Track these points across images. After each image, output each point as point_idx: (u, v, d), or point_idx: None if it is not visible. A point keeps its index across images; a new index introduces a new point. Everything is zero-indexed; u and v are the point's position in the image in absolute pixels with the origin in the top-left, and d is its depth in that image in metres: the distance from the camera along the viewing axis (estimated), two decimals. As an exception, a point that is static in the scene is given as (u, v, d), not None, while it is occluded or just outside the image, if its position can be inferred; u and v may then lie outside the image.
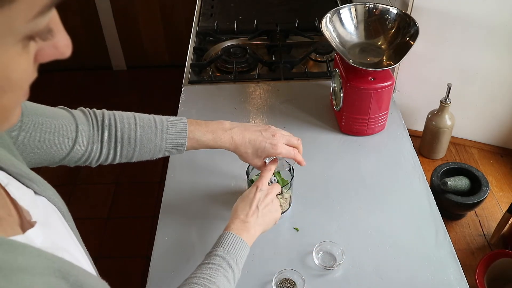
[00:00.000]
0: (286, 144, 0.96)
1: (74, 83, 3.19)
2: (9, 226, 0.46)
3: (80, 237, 0.61)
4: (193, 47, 1.63)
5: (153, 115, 0.90)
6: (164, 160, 1.14)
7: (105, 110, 0.88)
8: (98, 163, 0.87)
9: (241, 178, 1.14)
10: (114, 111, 0.88)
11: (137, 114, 0.89)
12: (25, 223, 0.48)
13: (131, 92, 3.13)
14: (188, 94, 1.44)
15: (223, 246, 0.79)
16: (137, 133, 0.86)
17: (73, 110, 0.84)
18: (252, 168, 1.07)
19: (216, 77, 1.51)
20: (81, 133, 0.81)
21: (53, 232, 0.52)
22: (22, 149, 0.71)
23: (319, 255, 0.98)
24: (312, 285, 0.94)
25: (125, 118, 0.87)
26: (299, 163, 0.98)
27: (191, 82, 1.49)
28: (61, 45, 0.38)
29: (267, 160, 0.98)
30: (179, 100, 1.41)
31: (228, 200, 1.11)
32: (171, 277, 0.96)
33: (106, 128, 0.84)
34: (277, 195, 1.04)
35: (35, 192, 0.55)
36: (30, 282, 0.40)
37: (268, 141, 0.93)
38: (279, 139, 0.94)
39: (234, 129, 0.93)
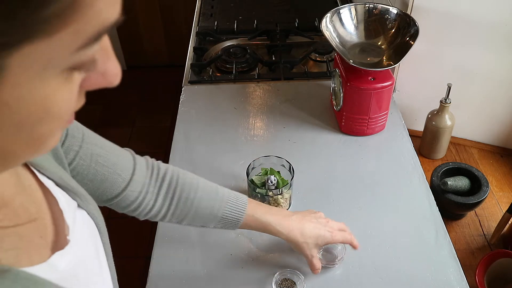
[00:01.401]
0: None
1: (74, 83, 3.19)
2: (36, 251, 0.45)
3: (111, 252, 0.60)
4: (193, 47, 1.63)
5: (217, 184, 0.87)
6: (164, 160, 1.14)
7: (170, 165, 0.84)
8: (147, 217, 0.82)
9: (241, 178, 1.14)
10: (179, 169, 0.85)
11: (201, 178, 0.85)
12: (61, 240, 0.48)
13: (131, 92, 3.13)
14: (188, 94, 1.44)
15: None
16: (197, 194, 0.82)
17: (137, 155, 0.81)
18: (253, 168, 1.07)
19: (216, 77, 1.51)
20: (136, 178, 0.77)
21: (82, 252, 0.51)
22: (73, 175, 0.70)
23: (320, 252, 0.98)
24: (312, 284, 0.94)
25: (188, 177, 0.83)
26: (354, 247, 0.94)
27: (191, 82, 1.49)
28: (110, 74, 0.36)
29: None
30: (179, 100, 1.41)
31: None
32: (171, 277, 0.96)
33: (167, 182, 0.81)
34: (277, 195, 1.04)
35: (78, 205, 0.54)
36: None
37: (326, 229, 0.89)
38: (332, 225, 0.91)
39: (294, 216, 0.89)
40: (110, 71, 0.36)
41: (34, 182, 0.49)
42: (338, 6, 1.26)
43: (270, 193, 1.03)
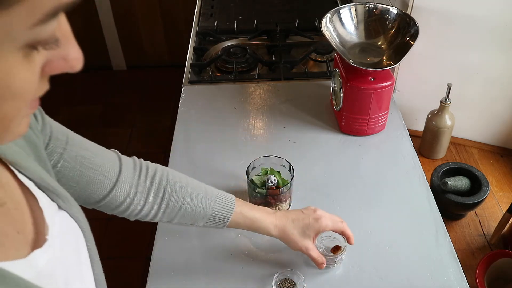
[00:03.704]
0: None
1: (74, 83, 3.18)
2: (13, 246, 0.45)
3: (98, 257, 0.60)
4: (193, 47, 1.63)
5: (204, 184, 0.88)
6: (164, 160, 1.14)
7: (159, 165, 0.84)
8: (137, 217, 0.82)
9: (241, 178, 1.14)
10: (168, 168, 0.85)
11: (189, 177, 0.86)
12: (40, 239, 0.48)
13: (131, 92, 3.13)
14: (188, 94, 1.44)
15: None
16: (187, 193, 0.83)
17: (123, 156, 0.81)
18: (253, 168, 1.07)
19: (216, 77, 1.51)
20: (123, 178, 0.77)
21: (62, 252, 0.51)
22: (58, 178, 0.69)
23: (320, 250, 0.97)
24: (312, 285, 0.94)
25: (177, 176, 0.84)
26: (348, 238, 0.94)
27: (191, 82, 1.49)
28: (71, 58, 0.37)
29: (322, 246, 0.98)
30: (179, 100, 1.41)
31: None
32: (171, 277, 0.96)
33: (156, 181, 0.81)
34: (278, 195, 1.04)
35: (59, 207, 0.54)
36: None
37: (311, 217, 0.90)
38: (320, 213, 0.91)
39: (277, 212, 0.91)
40: (71, 55, 0.37)
41: (12, 180, 0.49)
42: (338, 6, 1.26)
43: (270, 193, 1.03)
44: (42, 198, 0.51)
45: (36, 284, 0.43)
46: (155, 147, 2.68)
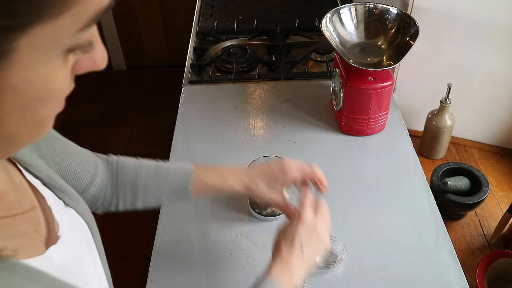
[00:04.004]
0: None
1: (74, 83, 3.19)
2: (32, 246, 0.46)
3: (103, 252, 0.61)
4: (193, 47, 1.63)
5: (158, 160, 0.86)
6: (164, 160, 1.14)
7: (110, 154, 0.85)
8: (103, 209, 0.83)
9: (241, 178, 1.14)
10: (120, 157, 0.85)
11: (140, 160, 0.85)
12: (52, 237, 0.49)
13: (131, 92, 3.13)
14: (188, 94, 1.44)
15: None
16: (142, 178, 0.82)
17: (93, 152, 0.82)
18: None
19: (216, 77, 1.51)
20: (100, 172, 0.78)
21: (74, 248, 0.52)
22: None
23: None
24: (312, 284, 0.94)
25: (128, 163, 0.84)
26: (319, 185, 0.89)
27: (191, 82, 1.49)
28: (98, 57, 0.39)
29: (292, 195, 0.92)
30: (179, 100, 1.41)
31: (228, 200, 1.11)
32: (171, 277, 0.96)
33: (114, 174, 0.82)
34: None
35: (65, 204, 0.55)
36: None
37: (278, 170, 0.85)
38: (289, 164, 0.86)
39: (243, 169, 0.88)
40: (98, 54, 0.39)
41: (23, 179, 0.50)
42: (338, 6, 1.26)
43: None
44: (50, 197, 0.52)
45: (58, 277, 0.44)
46: (155, 147, 2.68)
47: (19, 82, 0.33)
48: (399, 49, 1.19)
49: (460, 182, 1.25)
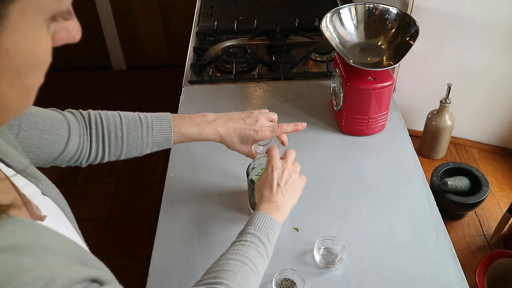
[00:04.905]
0: (268, 120, 0.99)
1: (74, 83, 3.19)
2: (27, 214, 0.47)
3: (83, 239, 0.62)
4: (193, 47, 1.63)
5: (137, 112, 0.92)
6: (164, 160, 1.14)
7: (90, 110, 0.89)
8: (88, 163, 0.88)
9: (241, 178, 1.14)
10: (99, 111, 0.90)
11: (122, 112, 0.91)
12: (35, 217, 0.50)
13: (131, 92, 3.13)
14: (188, 94, 1.44)
15: (253, 224, 0.80)
16: (124, 130, 0.88)
17: (62, 111, 0.85)
18: (253, 168, 1.07)
19: (216, 77, 1.51)
20: (73, 132, 0.82)
21: (61, 228, 0.53)
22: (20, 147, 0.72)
23: (321, 251, 0.98)
24: (312, 284, 0.94)
25: (110, 116, 0.89)
26: (283, 142, 1.02)
27: (191, 82, 1.49)
28: (73, 29, 0.40)
29: (259, 147, 1.04)
30: (179, 100, 1.41)
31: (228, 200, 1.11)
32: (171, 277, 0.96)
33: (93, 127, 0.86)
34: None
35: (42, 193, 0.56)
36: (56, 261, 0.42)
37: (251, 128, 0.96)
38: (261, 123, 0.97)
39: (218, 120, 0.96)
40: (73, 25, 0.41)
41: None
42: (338, 6, 1.26)
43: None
44: (24, 184, 0.53)
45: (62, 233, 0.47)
46: (155, 147, 2.67)
47: (10, 46, 0.35)
48: (399, 49, 1.19)
49: (460, 182, 1.25)
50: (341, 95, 1.23)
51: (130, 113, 0.92)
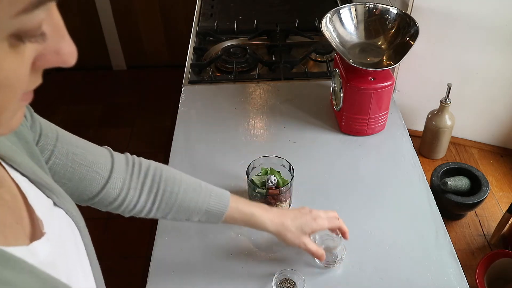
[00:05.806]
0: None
1: (74, 83, 3.19)
2: (12, 235, 0.44)
3: (94, 253, 0.60)
4: (193, 47, 1.63)
5: (199, 180, 0.88)
6: (164, 160, 1.14)
7: (152, 161, 0.84)
8: (132, 213, 0.82)
9: (241, 178, 1.14)
10: (162, 164, 0.85)
11: (184, 174, 0.86)
12: (37, 233, 0.48)
13: (131, 92, 3.13)
14: (188, 94, 1.44)
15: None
16: (181, 188, 0.83)
17: (115, 152, 0.81)
18: (253, 168, 1.07)
19: (216, 77, 1.51)
20: (116, 175, 0.77)
21: (61, 247, 0.51)
22: (50, 175, 0.69)
23: (324, 241, 0.98)
24: (312, 285, 0.94)
25: (171, 172, 0.84)
26: (343, 234, 0.95)
27: (191, 82, 1.49)
28: (64, 52, 0.36)
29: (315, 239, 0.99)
30: (179, 100, 1.41)
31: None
32: (171, 277, 0.96)
33: (150, 177, 0.81)
34: (278, 195, 1.04)
35: (54, 204, 0.54)
36: None
37: (308, 216, 0.91)
38: (318, 213, 0.93)
39: (274, 209, 0.92)
40: (64, 49, 0.36)
41: (6, 174, 0.49)
42: (338, 6, 1.26)
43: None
44: (32, 194, 0.51)
45: (40, 269, 0.43)
46: (155, 147, 2.68)
47: None
48: (399, 49, 1.19)
49: (460, 182, 1.25)
50: (341, 95, 1.23)
51: (191, 177, 0.87)
